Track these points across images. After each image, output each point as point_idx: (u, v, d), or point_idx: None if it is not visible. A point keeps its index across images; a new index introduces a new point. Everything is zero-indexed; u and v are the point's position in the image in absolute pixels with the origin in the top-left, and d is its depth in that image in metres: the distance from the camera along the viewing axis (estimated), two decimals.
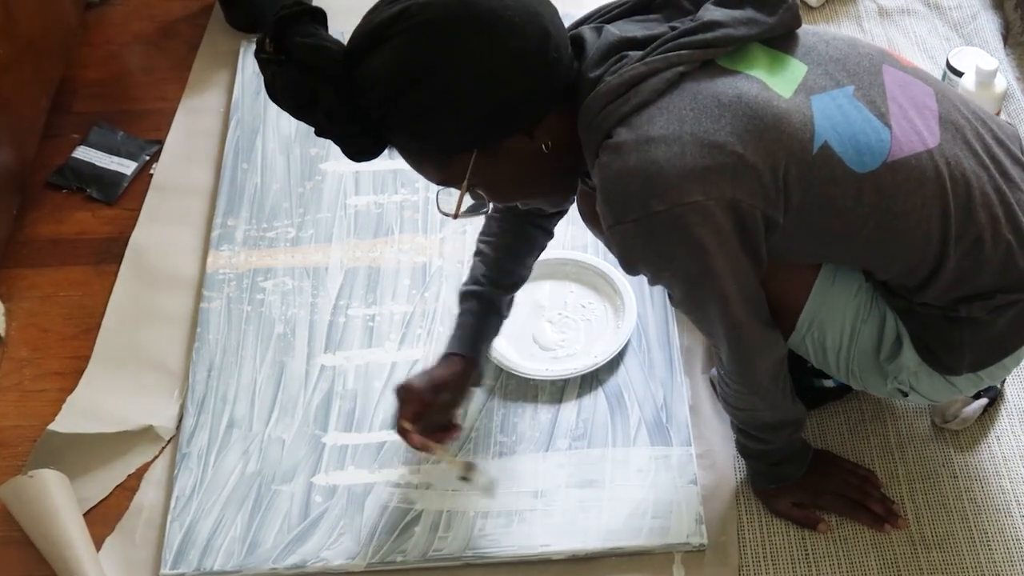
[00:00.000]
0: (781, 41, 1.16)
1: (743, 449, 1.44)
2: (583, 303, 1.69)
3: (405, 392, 1.39)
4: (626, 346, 1.62)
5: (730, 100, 1.08)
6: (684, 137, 1.06)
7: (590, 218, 1.27)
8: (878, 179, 1.13)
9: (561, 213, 1.51)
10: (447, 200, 1.19)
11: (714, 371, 1.58)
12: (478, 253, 1.49)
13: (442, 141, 1.11)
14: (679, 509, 1.45)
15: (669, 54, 1.10)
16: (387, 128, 1.11)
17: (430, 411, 1.39)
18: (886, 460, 1.49)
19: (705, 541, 1.43)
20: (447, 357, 1.44)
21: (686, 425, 1.54)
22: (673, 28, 1.13)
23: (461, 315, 1.47)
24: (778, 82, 1.11)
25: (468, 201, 1.19)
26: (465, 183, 1.14)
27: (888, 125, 1.14)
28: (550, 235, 1.52)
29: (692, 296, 1.18)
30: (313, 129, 1.12)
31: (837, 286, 1.27)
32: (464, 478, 1.43)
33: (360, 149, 1.14)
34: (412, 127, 1.10)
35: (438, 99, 1.07)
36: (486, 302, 1.46)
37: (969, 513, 1.44)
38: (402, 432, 1.38)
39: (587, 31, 1.17)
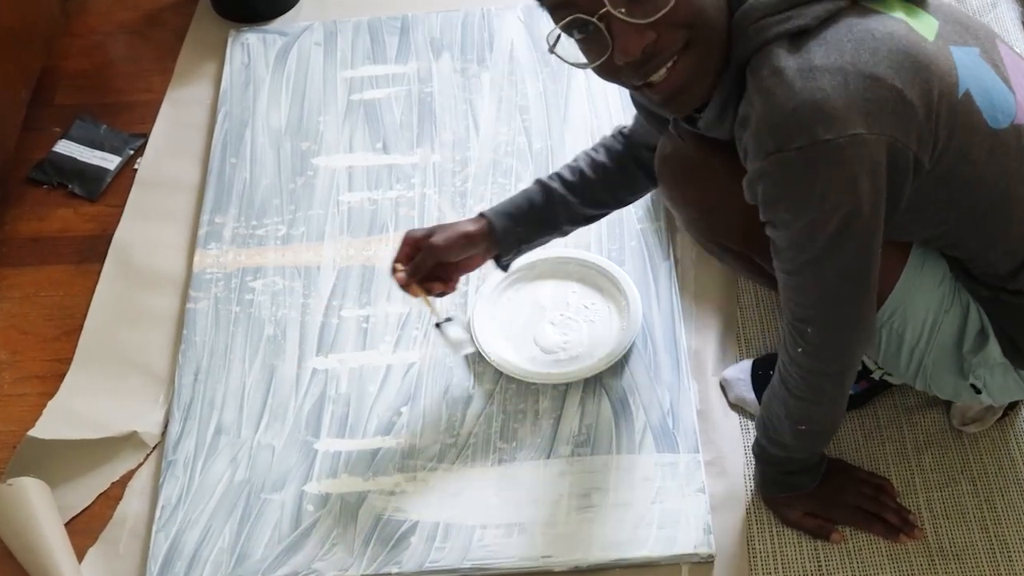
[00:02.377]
0: None
1: (762, 453, 1.39)
2: (586, 304, 1.66)
3: (406, 235, 1.45)
4: (631, 348, 1.59)
5: (883, 35, 1.08)
6: (846, 67, 1.06)
7: (671, 179, 1.29)
8: (1007, 138, 1.14)
9: None
10: (565, 49, 1.12)
11: (724, 373, 1.56)
12: (573, 161, 1.48)
13: None
14: (686, 518, 1.43)
15: None
16: None
17: (424, 256, 1.42)
18: (902, 467, 1.47)
19: (713, 552, 1.40)
20: (476, 218, 1.46)
21: (694, 431, 1.51)
22: None
23: (521, 192, 1.47)
24: (920, 26, 1.12)
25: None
26: None
27: (1012, 90, 1.15)
28: (655, 182, 1.44)
29: (823, 244, 1.11)
30: None
31: (925, 272, 1.27)
32: (438, 324, 1.51)
33: None
34: None
35: None
36: (552, 201, 1.45)
37: (989, 522, 1.41)
38: (393, 270, 1.45)
39: None
